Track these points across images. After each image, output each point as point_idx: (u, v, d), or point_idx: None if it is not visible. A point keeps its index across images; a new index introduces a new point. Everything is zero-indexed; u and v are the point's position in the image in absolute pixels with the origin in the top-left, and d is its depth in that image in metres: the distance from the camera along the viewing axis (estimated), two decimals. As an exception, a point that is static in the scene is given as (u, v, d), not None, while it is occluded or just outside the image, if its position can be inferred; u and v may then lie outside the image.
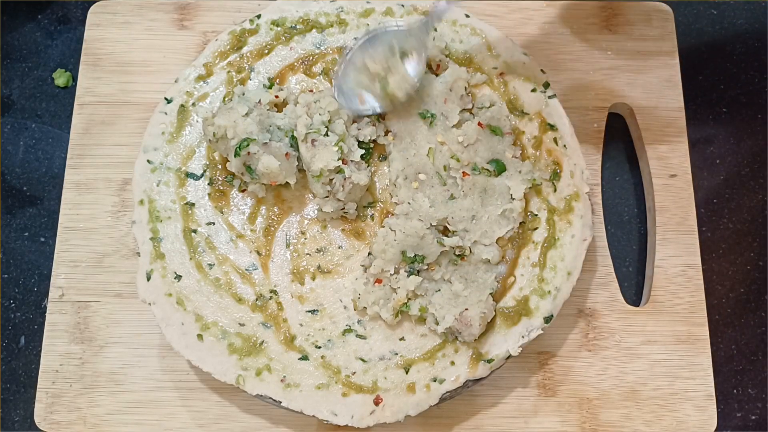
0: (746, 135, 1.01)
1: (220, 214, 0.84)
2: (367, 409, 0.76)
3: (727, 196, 0.98)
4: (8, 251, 0.94)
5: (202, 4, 0.99)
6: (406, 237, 0.80)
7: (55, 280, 0.89)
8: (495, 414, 0.85)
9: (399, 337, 0.81)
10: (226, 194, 0.85)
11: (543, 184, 0.85)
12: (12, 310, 0.92)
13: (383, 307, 0.80)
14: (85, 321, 0.88)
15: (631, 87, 0.97)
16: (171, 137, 0.86)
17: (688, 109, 0.97)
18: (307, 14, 0.91)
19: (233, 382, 0.77)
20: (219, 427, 0.84)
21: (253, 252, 0.83)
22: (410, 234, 0.80)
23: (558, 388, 0.86)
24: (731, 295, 0.94)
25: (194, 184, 0.85)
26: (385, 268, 0.81)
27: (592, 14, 0.99)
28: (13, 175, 0.97)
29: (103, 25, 0.98)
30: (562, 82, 0.96)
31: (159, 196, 0.84)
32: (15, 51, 1.02)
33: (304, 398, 0.77)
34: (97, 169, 0.93)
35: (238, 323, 0.80)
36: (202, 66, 0.88)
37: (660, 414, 0.86)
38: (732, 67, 1.03)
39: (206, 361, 0.78)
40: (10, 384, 0.89)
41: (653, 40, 0.99)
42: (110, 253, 0.90)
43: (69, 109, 0.96)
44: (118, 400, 0.85)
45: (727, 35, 1.04)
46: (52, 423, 0.84)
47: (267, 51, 0.90)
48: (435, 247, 0.81)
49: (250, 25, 0.90)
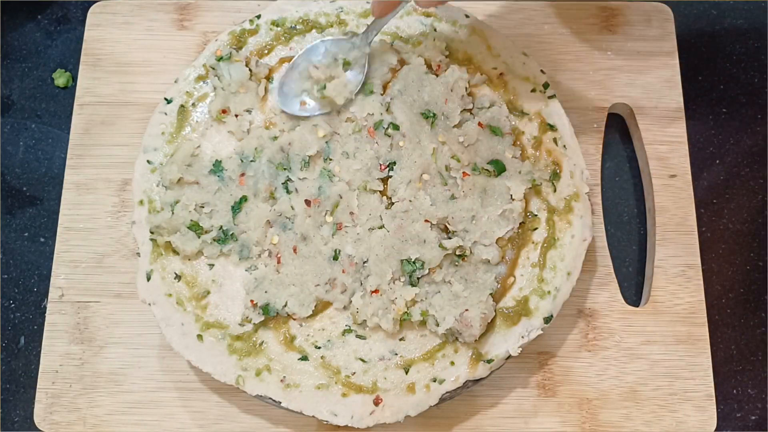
0: (746, 135, 1.01)
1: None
2: (366, 410, 0.76)
3: (727, 196, 0.98)
4: (8, 251, 0.94)
5: (202, 5, 0.99)
6: (404, 242, 0.80)
7: (55, 281, 0.89)
8: (495, 414, 0.85)
9: (399, 338, 0.81)
10: (226, 194, 0.85)
11: (543, 185, 0.85)
12: (12, 310, 0.92)
13: (383, 318, 0.79)
14: (85, 321, 0.88)
15: (631, 87, 0.97)
16: (171, 137, 0.86)
17: (688, 109, 0.97)
18: (307, 14, 0.91)
19: (233, 382, 0.77)
20: (219, 427, 0.84)
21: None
22: (410, 237, 0.80)
23: (558, 389, 0.86)
24: (731, 295, 0.94)
25: (194, 185, 0.85)
26: (382, 278, 0.80)
27: (592, 14, 0.99)
28: (13, 175, 0.97)
29: (103, 25, 0.98)
30: (562, 82, 0.96)
31: (159, 197, 0.84)
32: (15, 51, 1.02)
33: (303, 398, 0.77)
34: (97, 169, 0.93)
35: (239, 324, 0.80)
36: (201, 66, 0.88)
37: (660, 414, 0.86)
38: (732, 67, 1.03)
39: (206, 362, 0.78)
40: (10, 384, 0.89)
41: (653, 40, 0.99)
42: (110, 253, 0.90)
43: (69, 109, 0.96)
44: (118, 401, 0.85)
45: (727, 35, 1.04)
46: (52, 423, 0.84)
47: (267, 51, 0.90)
48: (437, 252, 0.80)
49: (250, 26, 0.90)
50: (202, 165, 0.84)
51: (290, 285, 0.81)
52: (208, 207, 0.82)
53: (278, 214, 0.82)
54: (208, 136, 0.86)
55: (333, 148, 0.85)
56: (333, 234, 0.82)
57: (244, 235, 0.82)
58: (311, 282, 0.80)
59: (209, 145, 0.86)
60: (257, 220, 0.82)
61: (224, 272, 0.82)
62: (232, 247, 0.81)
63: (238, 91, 0.86)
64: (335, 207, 0.82)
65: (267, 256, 0.82)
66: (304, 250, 0.82)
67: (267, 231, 0.82)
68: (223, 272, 0.82)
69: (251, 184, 0.83)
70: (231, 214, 0.82)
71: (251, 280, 0.81)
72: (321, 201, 0.82)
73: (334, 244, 0.82)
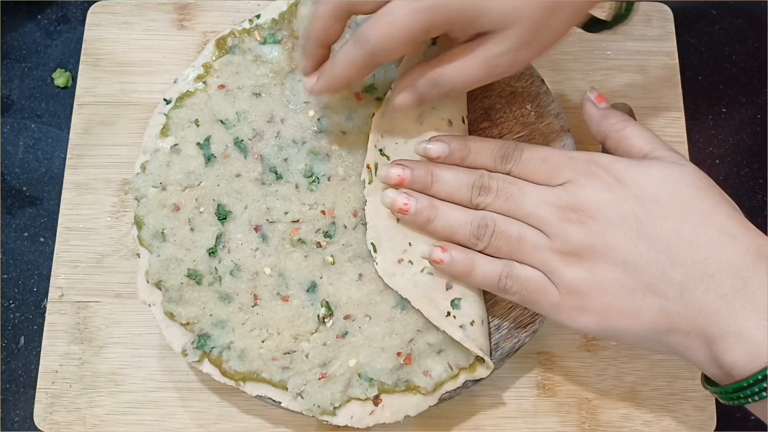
0: (746, 135, 1.01)
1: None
2: (366, 410, 0.76)
3: (726, 197, 0.98)
4: (8, 251, 0.94)
5: (202, 4, 0.99)
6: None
7: (55, 281, 0.89)
8: (495, 414, 0.85)
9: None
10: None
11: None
12: (11, 310, 0.92)
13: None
14: (85, 321, 0.88)
15: (631, 87, 0.97)
16: (170, 138, 0.86)
17: (688, 109, 0.97)
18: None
19: (233, 383, 0.77)
20: (219, 427, 0.84)
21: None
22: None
23: (557, 389, 0.86)
24: (731, 295, 0.94)
25: (194, 185, 0.85)
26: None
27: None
28: (12, 175, 0.97)
29: (102, 25, 0.98)
30: (562, 82, 0.96)
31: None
32: (15, 51, 1.02)
33: (304, 399, 0.77)
34: (96, 169, 0.93)
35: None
36: (201, 66, 0.88)
37: (660, 414, 0.86)
38: (732, 67, 1.03)
39: (206, 362, 0.78)
40: (10, 384, 0.89)
41: (653, 40, 0.99)
42: (110, 253, 0.90)
43: (69, 109, 0.96)
44: (118, 401, 0.85)
45: (727, 35, 1.04)
46: (52, 423, 0.84)
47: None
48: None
49: (250, 25, 0.90)
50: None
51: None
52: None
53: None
54: None
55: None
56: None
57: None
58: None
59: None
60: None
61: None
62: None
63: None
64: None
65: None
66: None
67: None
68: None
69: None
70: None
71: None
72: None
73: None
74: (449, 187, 0.71)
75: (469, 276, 0.70)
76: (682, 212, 0.62)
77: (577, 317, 0.65)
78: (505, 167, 0.70)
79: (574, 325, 0.66)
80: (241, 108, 0.83)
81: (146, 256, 0.79)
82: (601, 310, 0.64)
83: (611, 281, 0.63)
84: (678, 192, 0.63)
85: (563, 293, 0.65)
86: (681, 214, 0.62)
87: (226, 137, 0.82)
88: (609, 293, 0.63)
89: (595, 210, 0.64)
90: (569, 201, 0.65)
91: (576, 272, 0.64)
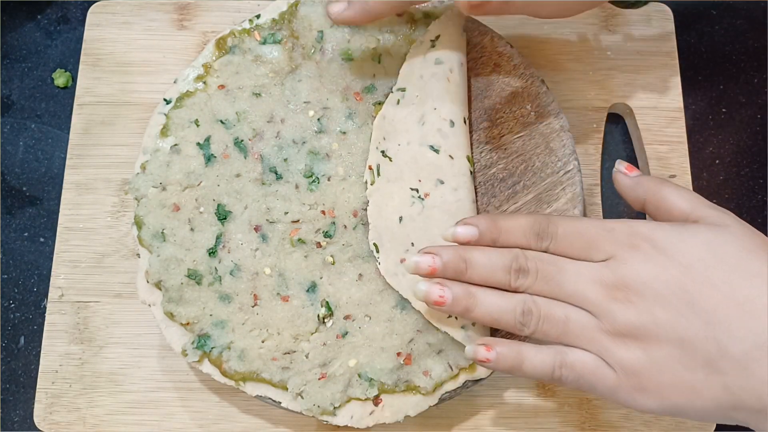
0: (746, 135, 1.01)
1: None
2: (366, 410, 0.76)
3: (726, 196, 0.98)
4: (8, 251, 0.94)
5: (202, 4, 0.99)
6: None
7: (55, 281, 0.89)
8: (495, 414, 0.85)
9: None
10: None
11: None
12: (11, 310, 0.92)
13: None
14: (85, 321, 0.88)
15: (631, 87, 0.97)
16: (170, 138, 0.86)
17: (687, 109, 0.97)
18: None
19: (233, 383, 0.77)
20: (219, 427, 0.84)
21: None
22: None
23: (557, 389, 0.86)
24: (731, 295, 0.94)
25: (194, 185, 0.85)
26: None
27: (591, 14, 0.99)
28: (12, 175, 0.97)
29: (102, 25, 0.98)
30: (562, 82, 0.96)
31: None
32: (15, 51, 1.02)
33: (304, 399, 0.77)
34: (96, 169, 0.93)
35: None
36: (201, 66, 0.88)
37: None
38: (732, 67, 1.03)
39: (206, 362, 0.78)
40: (10, 384, 0.89)
41: (653, 40, 0.99)
42: (110, 253, 0.90)
43: (69, 109, 0.96)
44: (118, 401, 0.85)
45: (727, 35, 1.04)
46: (52, 423, 0.84)
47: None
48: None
49: (250, 25, 0.90)
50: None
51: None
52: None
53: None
54: None
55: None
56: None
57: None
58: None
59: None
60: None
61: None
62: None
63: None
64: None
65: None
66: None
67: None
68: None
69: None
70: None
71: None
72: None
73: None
74: (484, 272, 0.66)
75: (520, 370, 0.66)
76: (732, 277, 0.59)
77: (637, 398, 0.62)
78: (540, 245, 0.66)
79: (635, 406, 0.63)
80: (241, 108, 0.83)
81: (146, 256, 0.79)
82: (661, 389, 0.61)
83: (668, 359, 0.60)
84: (725, 255, 0.60)
85: (620, 374, 0.62)
86: (731, 279, 0.59)
87: (226, 137, 0.82)
88: (667, 372, 0.60)
89: (641, 285, 0.61)
90: (613, 279, 0.62)
91: (631, 353, 0.61)
